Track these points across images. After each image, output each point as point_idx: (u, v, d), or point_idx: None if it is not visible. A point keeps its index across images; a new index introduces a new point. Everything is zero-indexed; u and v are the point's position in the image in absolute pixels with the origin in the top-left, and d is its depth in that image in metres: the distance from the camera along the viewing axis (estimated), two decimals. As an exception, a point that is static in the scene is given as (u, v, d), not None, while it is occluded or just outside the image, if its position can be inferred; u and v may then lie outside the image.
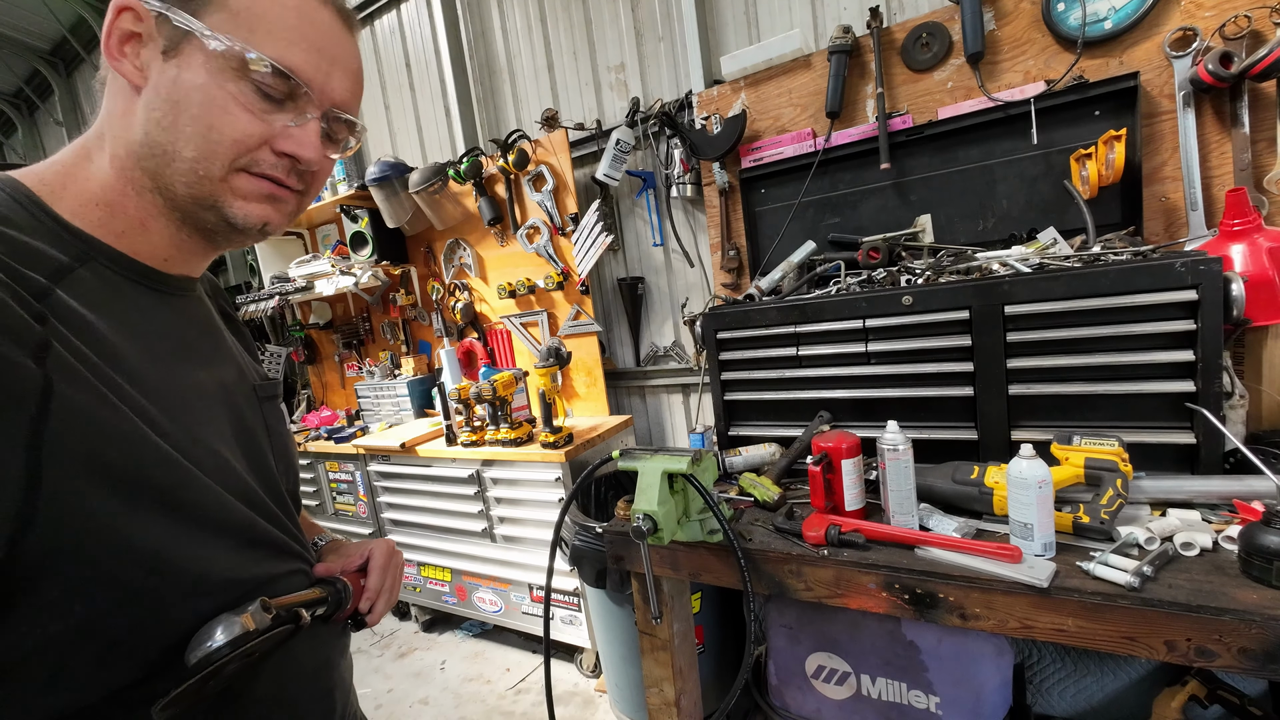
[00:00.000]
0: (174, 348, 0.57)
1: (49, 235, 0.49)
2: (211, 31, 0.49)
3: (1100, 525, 1.05)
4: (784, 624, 1.61)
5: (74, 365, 0.44)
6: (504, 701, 2.36)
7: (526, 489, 2.36)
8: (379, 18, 3.40)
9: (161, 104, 0.50)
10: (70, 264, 0.48)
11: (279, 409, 0.70)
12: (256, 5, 0.51)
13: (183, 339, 0.58)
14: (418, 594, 2.87)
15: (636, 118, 2.44)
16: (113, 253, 0.53)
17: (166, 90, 0.50)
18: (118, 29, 0.50)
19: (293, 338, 3.76)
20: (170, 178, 0.52)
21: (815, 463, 1.27)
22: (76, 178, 0.52)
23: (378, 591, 0.74)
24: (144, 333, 0.53)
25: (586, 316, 2.68)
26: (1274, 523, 0.90)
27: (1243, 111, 1.46)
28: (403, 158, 3.08)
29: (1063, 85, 1.63)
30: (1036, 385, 1.31)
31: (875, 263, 1.76)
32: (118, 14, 0.50)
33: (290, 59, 0.52)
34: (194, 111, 0.50)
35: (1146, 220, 1.61)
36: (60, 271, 0.47)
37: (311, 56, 0.53)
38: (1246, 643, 0.84)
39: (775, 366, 1.64)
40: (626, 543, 1.41)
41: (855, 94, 1.97)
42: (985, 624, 1.03)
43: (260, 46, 0.50)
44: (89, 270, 0.50)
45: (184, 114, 0.50)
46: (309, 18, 0.53)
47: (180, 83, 0.50)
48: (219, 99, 0.50)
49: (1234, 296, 1.13)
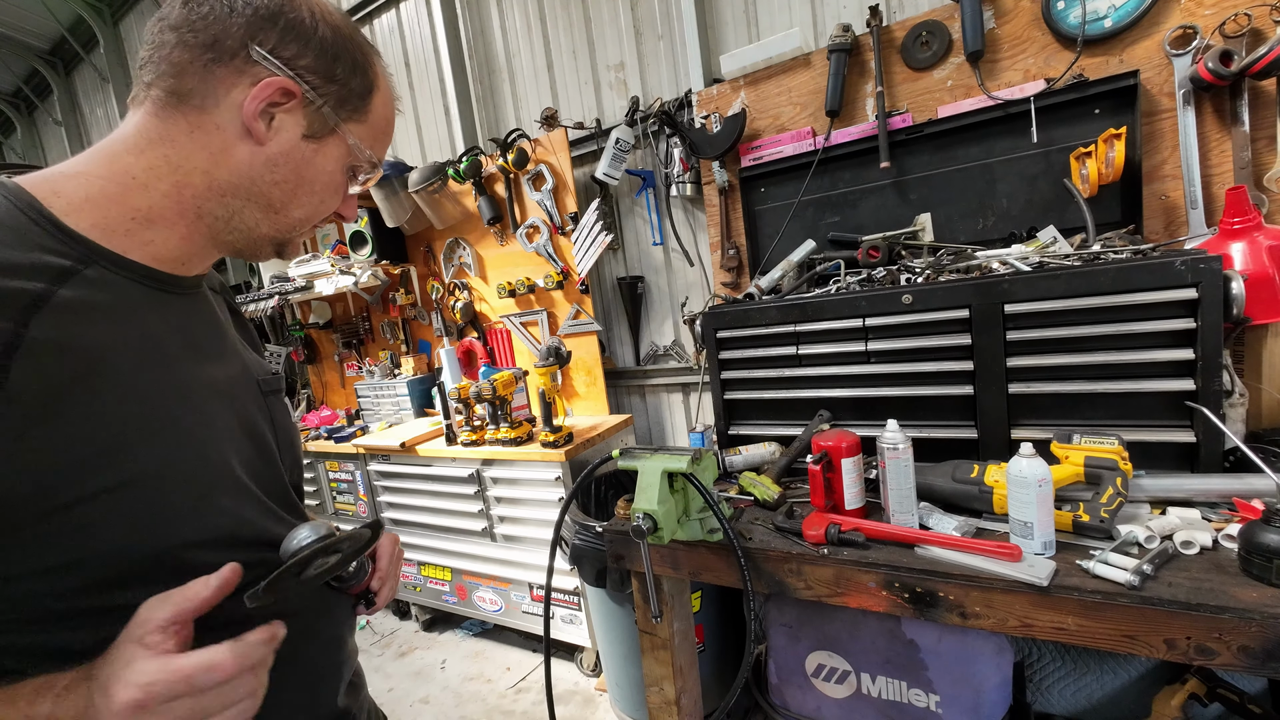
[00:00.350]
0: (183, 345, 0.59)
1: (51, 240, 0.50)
2: (359, 143, 0.63)
3: (1100, 524, 1.05)
4: (784, 623, 1.62)
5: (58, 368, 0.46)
6: (504, 700, 2.36)
7: (526, 488, 2.36)
8: (378, 17, 3.40)
9: (287, 171, 0.59)
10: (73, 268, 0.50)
11: (283, 403, 0.73)
12: (380, 121, 0.66)
13: (191, 337, 0.61)
14: (418, 593, 2.87)
15: (636, 117, 2.44)
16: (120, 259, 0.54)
17: (297, 164, 0.59)
18: (268, 98, 0.56)
19: (292, 337, 3.76)
20: (258, 220, 0.60)
21: (815, 462, 1.27)
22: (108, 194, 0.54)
23: (386, 574, 0.76)
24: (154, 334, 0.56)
25: (586, 316, 2.68)
26: (1274, 521, 0.90)
27: (1243, 109, 1.46)
28: (402, 157, 3.08)
29: (1063, 84, 1.63)
30: (1036, 384, 1.31)
31: (875, 261, 1.76)
32: (276, 89, 0.56)
33: (381, 155, 0.68)
34: (316, 187, 0.62)
35: (1146, 218, 1.61)
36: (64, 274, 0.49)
37: (386, 148, 0.70)
38: (1246, 641, 0.84)
39: (775, 365, 1.64)
40: (626, 542, 1.41)
41: (855, 93, 1.97)
42: (985, 622, 1.03)
43: (375, 149, 0.66)
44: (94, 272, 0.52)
45: (306, 186, 0.61)
46: (392, 122, 0.69)
47: (313, 164, 0.61)
48: (336, 184, 0.64)
49: (1234, 295, 1.13)
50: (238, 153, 0.57)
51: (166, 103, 0.55)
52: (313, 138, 0.60)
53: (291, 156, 0.59)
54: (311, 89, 0.58)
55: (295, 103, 0.57)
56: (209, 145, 0.56)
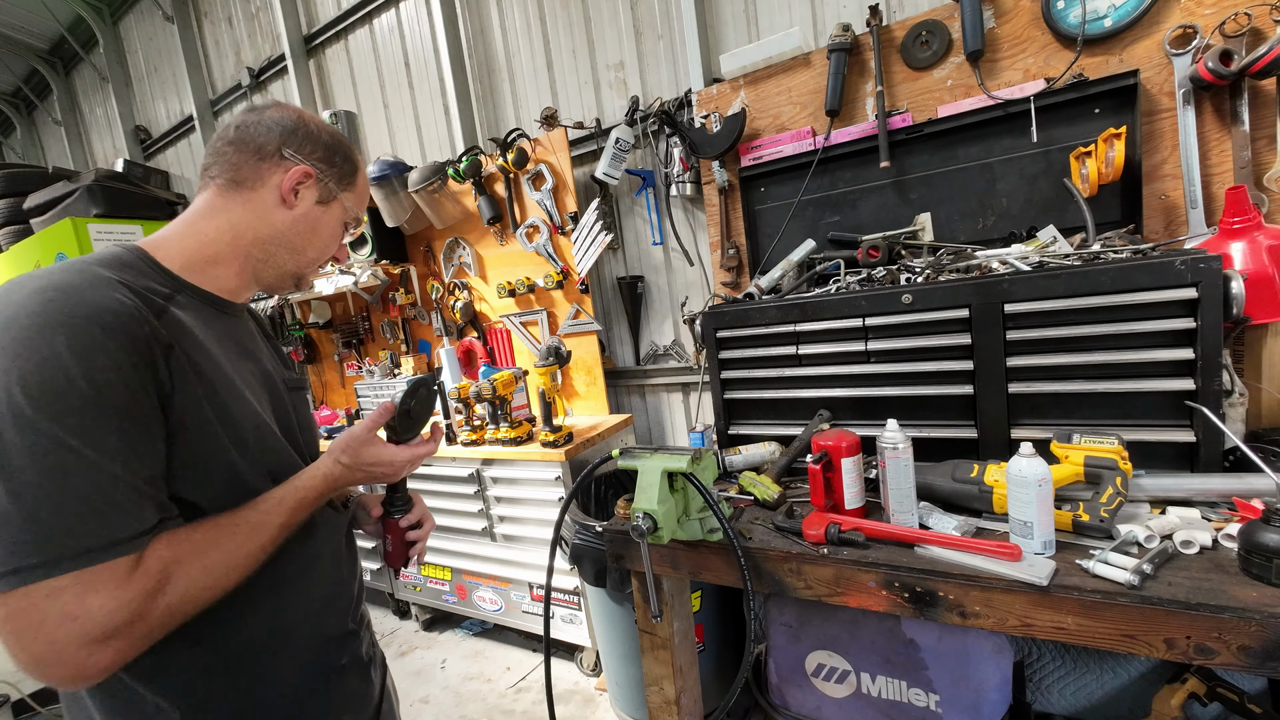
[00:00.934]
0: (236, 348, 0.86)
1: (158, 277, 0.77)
2: (350, 205, 0.93)
3: (1100, 523, 1.05)
4: (784, 622, 1.62)
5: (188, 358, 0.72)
6: (504, 700, 2.36)
7: (526, 488, 2.36)
8: (378, 16, 3.40)
9: (306, 226, 0.88)
10: (172, 293, 0.76)
11: (304, 398, 1.00)
12: (362, 189, 0.96)
13: (239, 342, 0.87)
14: (418, 593, 2.87)
15: (636, 116, 2.44)
16: (201, 291, 0.82)
17: (313, 221, 0.89)
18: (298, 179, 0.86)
19: (292, 337, 3.76)
20: (286, 261, 0.89)
21: (815, 461, 1.27)
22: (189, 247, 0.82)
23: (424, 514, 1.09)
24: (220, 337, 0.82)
25: (586, 315, 2.68)
26: (1273, 520, 0.90)
27: (1242, 109, 1.46)
28: (402, 156, 3.08)
29: (1062, 83, 1.63)
30: (1036, 383, 1.31)
31: (875, 261, 1.76)
32: (302, 173, 0.86)
33: (362, 214, 0.98)
34: (324, 236, 0.92)
35: (1146, 218, 1.61)
36: (168, 297, 0.75)
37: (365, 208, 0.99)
38: (1246, 640, 0.84)
39: (775, 365, 1.64)
40: (626, 541, 1.41)
41: (855, 92, 1.97)
42: (985, 622, 1.03)
43: (359, 210, 0.96)
44: (184, 297, 0.78)
45: (317, 235, 0.91)
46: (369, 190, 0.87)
47: (323, 220, 0.90)
48: (337, 233, 0.94)
49: (1234, 294, 1.13)
50: (276, 215, 0.86)
51: (227, 188, 0.84)
52: (322, 203, 0.89)
53: (309, 216, 0.88)
54: (321, 172, 0.88)
55: (312, 181, 0.87)
56: (256, 212, 0.85)
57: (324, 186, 0.88)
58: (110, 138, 5.51)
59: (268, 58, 4.02)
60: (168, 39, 4.60)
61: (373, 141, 3.63)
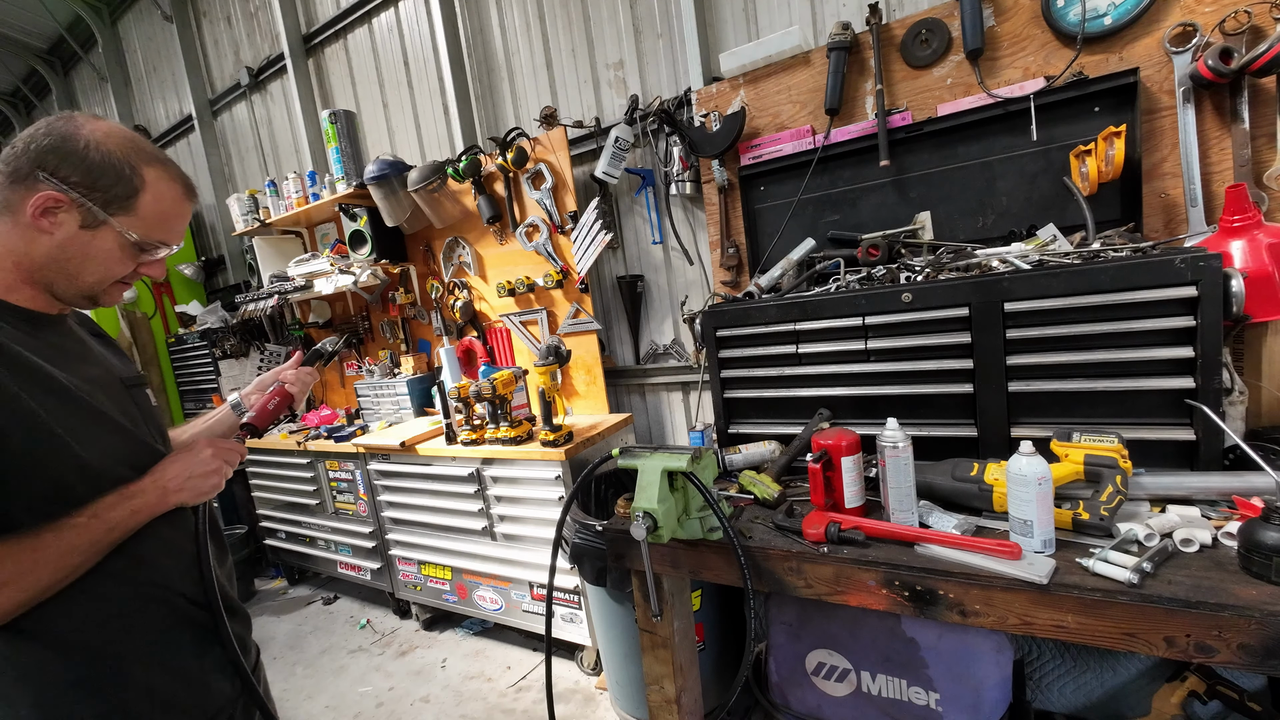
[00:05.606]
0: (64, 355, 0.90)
1: None
2: (123, 228, 0.87)
3: (1100, 522, 1.05)
4: (784, 621, 1.62)
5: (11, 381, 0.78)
6: (505, 699, 2.36)
7: (526, 487, 2.37)
8: (377, 15, 3.40)
9: (74, 251, 0.86)
10: None
11: (144, 393, 1.03)
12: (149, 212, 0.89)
13: (66, 350, 0.92)
14: (418, 592, 2.87)
15: (635, 115, 2.44)
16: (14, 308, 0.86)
17: (80, 246, 0.86)
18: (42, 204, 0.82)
19: (292, 337, 3.76)
20: (65, 286, 0.89)
21: (815, 460, 1.27)
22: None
23: None
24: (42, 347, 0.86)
25: (586, 315, 2.68)
26: (1273, 519, 0.90)
27: (1243, 107, 1.46)
28: (401, 156, 3.07)
29: (1062, 81, 1.63)
30: (1036, 382, 1.31)
31: (875, 260, 1.76)
32: (47, 197, 0.82)
33: (169, 239, 0.94)
34: (99, 260, 0.88)
35: (1146, 216, 1.61)
36: None
37: (177, 233, 0.96)
38: (1246, 638, 0.84)
39: (775, 364, 1.64)
40: (627, 540, 1.41)
41: (854, 91, 1.96)
42: (985, 620, 1.03)
43: (150, 234, 0.91)
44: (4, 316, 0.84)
45: (90, 260, 0.88)
46: (181, 214, 0.95)
47: (92, 245, 0.87)
48: (117, 257, 0.89)
49: (1234, 293, 1.13)
50: (39, 241, 0.85)
51: None
52: (88, 228, 0.86)
53: (75, 241, 0.86)
54: (81, 196, 0.83)
55: (68, 205, 0.83)
56: (23, 237, 0.84)
57: (85, 211, 0.84)
58: (109, 137, 5.49)
59: (267, 57, 4.01)
60: (167, 38, 4.59)
61: (372, 141, 3.63)
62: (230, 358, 3.76)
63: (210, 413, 1.24)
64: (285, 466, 3.32)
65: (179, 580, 0.95)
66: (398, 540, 2.88)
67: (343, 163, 3.08)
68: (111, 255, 0.88)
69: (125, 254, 0.90)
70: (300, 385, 1.19)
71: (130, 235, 0.88)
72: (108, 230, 0.86)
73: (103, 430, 0.88)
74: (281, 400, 1.17)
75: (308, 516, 3.34)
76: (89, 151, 0.84)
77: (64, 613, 0.82)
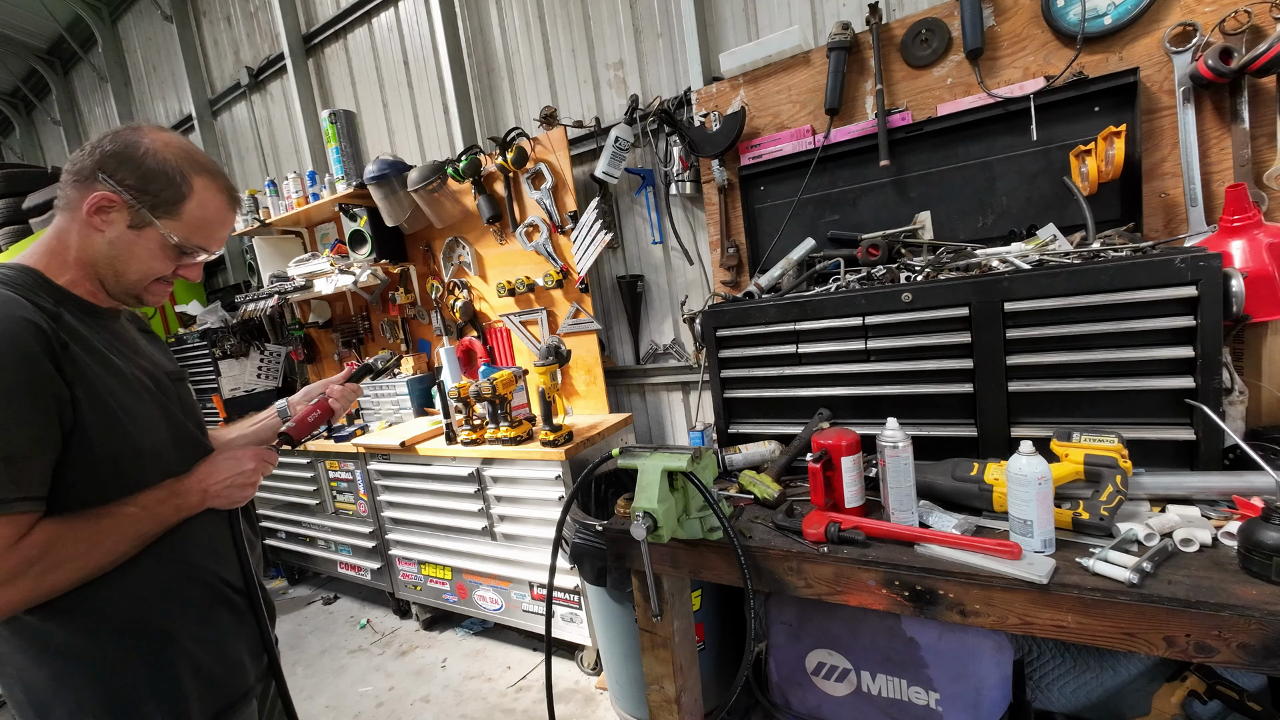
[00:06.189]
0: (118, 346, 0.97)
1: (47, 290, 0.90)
2: (167, 231, 0.94)
3: (1100, 521, 1.05)
4: (784, 621, 1.62)
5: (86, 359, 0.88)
6: (505, 699, 2.36)
7: (526, 487, 2.36)
8: (377, 15, 3.40)
9: (121, 249, 0.93)
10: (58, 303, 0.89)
11: (186, 386, 1.11)
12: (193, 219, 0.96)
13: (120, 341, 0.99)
14: (418, 592, 2.87)
15: (635, 115, 2.44)
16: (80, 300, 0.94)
17: (127, 244, 0.93)
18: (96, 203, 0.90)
19: (292, 336, 3.76)
20: (113, 282, 0.96)
21: (815, 460, 1.27)
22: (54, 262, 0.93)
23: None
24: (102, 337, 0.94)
25: (586, 314, 2.68)
26: (1273, 518, 0.90)
27: (1242, 107, 1.46)
28: (401, 156, 3.07)
29: (1062, 81, 1.63)
30: (1036, 382, 1.31)
31: (875, 260, 1.76)
32: (101, 197, 0.90)
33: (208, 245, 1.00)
34: (142, 259, 0.95)
35: (1146, 216, 1.61)
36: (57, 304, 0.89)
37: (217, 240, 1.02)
38: (1245, 638, 0.84)
39: (775, 364, 1.64)
40: (627, 540, 1.41)
41: (854, 91, 1.96)
42: (985, 620, 1.03)
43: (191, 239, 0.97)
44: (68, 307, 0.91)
45: (135, 259, 0.94)
46: (222, 222, 1.02)
47: (137, 244, 0.94)
48: (158, 257, 0.96)
49: (1234, 292, 1.13)
50: (93, 238, 0.92)
51: (61, 209, 0.93)
52: (135, 228, 0.93)
53: (123, 240, 0.93)
54: (133, 198, 0.91)
55: (120, 205, 0.91)
56: (80, 233, 0.92)
57: (135, 213, 0.91)
58: (109, 137, 5.50)
59: (266, 57, 4.01)
60: (166, 38, 4.59)
61: (372, 141, 3.63)
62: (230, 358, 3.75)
63: (257, 415, 1.30)
64: (285, 466, 3.32)
65: (215, 563, 1.03)
66: (398, 540, 2.88)
67: (343, 163, 3.08)
68: (153, 255, 0.95)
69: (166, 255, 0.96)
70: (343, 401, 1.25)
71: (172, 238, 0.94)
72: (152, 231, 0.93)
73: (153, 417, 0.96)
74: (322, 414, 1.21)
75: (308, 516, 3.34)
76: (145, 158, 0.91)
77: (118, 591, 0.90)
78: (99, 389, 0.87)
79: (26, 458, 0.80)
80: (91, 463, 0.87)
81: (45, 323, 0.83)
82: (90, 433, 0.85)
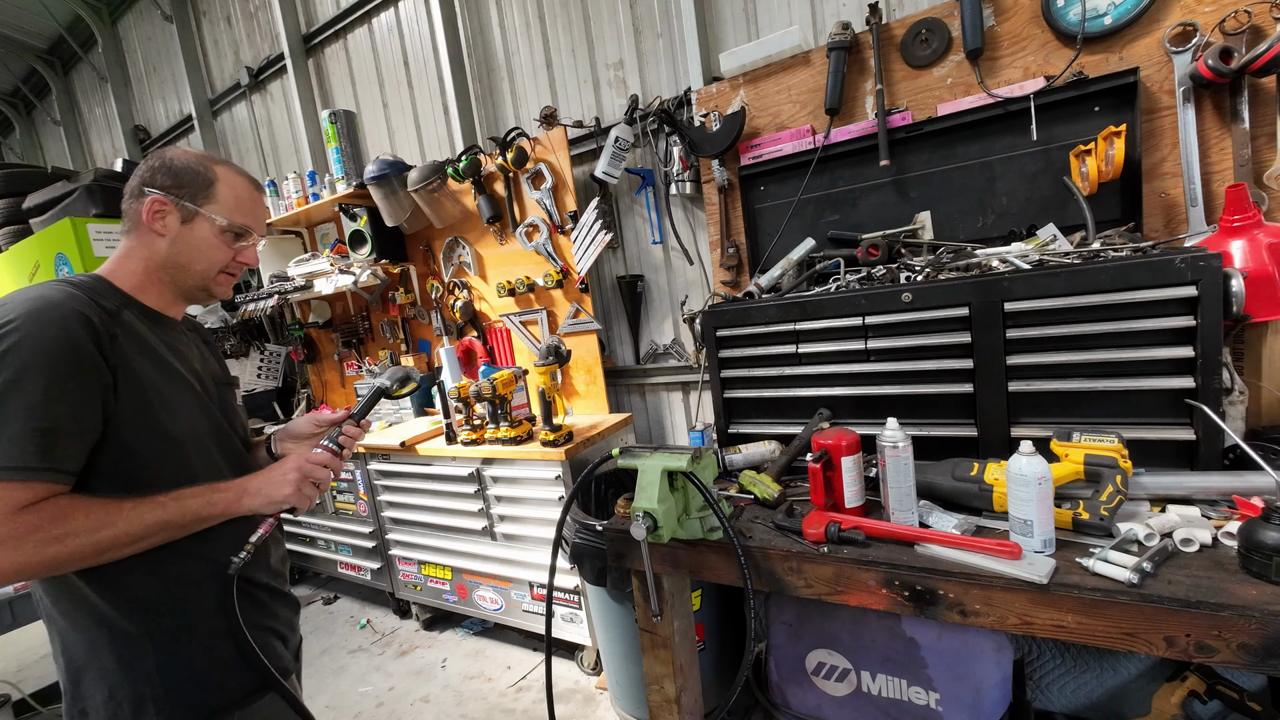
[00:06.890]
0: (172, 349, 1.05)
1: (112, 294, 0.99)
2: (211, 214, 1.04)
3: (1100, 521, 1.05)
4: (784, 621, 1.62)
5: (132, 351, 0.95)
6: (505, 699, 2.36)
7: (526, 487, 2.36)
8: (377, 15, 3.40)
9: (182, 245, 1.04)
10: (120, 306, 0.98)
11: (232, 392, 1.19)
12: (225, 194, 1.06)
13: (174, 346, 1.06)
14: (418, 592, 2.87)
15: (635, 115, 2.44)
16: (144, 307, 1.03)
17: (185, 239, 1.04)
18: (151, 208, 1.01)
19: (292, 336, 3.76)
20: (184, 278, 1.06)
21: (815, 460, 1.27)
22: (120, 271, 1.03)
23: None
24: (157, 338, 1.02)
25: (586, 314, 2.68)
26: (1273, 518, 0.90)
27: (1243, 107, 1.46)
28: (401, 156, 3.07)
29: (1062, 81, 1.63)
30: (1036, 382, 1.31)
31: (875, 260, 1.76)
32: (154, 201, 1.01)
33: (249, 223, 1.09)
34: (203, 249, 1.05)
35: (1146, 216, 1.61)
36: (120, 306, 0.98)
37: (257, 220, 1.12)
38: (1246, 638, 0.84)
39: (775, 364, 1.64)
40: (627, 541, 1.41)
41: (854, 91, 1.96)
42: (985, 620, 1.03)
43: (233, 218, 1.06)
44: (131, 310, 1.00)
45: (196, 251, 1.05)
46: (253, 199, 1.12)
47: (193, 236, 1.04)
48: (217, 245, 1.06)
49: (1234, 292, 1.13)
50: (157, 244, 1.03)
51: (127, 229, 1.04)
52: (186, 222, 1.03)
53: (181, 236, 1.03)
54: (175, 196, 1.02)
55: (168, 206, 1.02)
56: (146, 244, 1.03)
57: (181, 207, 1.02)
58: (109, 137, 5.51)
59: (266, 57, 4.02)
60: (166, 38, 4.59)
61: (372, 141, 3.63)
62: (230, 358, 3.75)
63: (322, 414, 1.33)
64: (285, 466, 3.32)
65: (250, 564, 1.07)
66: (398, 540, 2.88)
67: (343, 163, 3.08)
68: (210, 245, 1.05)
69: (220, 240, 1.06)
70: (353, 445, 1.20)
71: (218, 220, 1.04)
72: (200, 220, 1.03)
73: (192, 409, 1.02)
74: None
75: (307, 516, 3.34)
76: (173, 162, 1.04)
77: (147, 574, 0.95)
78: (138, 374, 0.93)
79: (64, 432, 0.84)
80: (124, 444, 0.91)
81: (97, 316, 0.90)
82: (125, 414, 0.90)
